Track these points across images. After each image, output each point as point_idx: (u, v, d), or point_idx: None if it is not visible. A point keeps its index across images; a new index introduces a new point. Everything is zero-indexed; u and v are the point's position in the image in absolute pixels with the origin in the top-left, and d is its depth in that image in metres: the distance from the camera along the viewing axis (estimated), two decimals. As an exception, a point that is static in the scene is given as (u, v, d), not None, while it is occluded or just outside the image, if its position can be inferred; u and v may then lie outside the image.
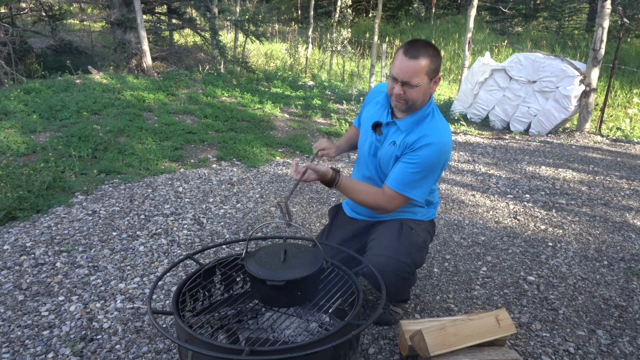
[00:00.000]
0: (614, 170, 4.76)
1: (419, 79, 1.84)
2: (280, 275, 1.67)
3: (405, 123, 1.98)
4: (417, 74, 1.83)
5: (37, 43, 11.93)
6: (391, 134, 2.03)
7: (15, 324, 2.19)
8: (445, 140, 1.92)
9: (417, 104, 1.92)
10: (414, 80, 1.83)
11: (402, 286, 2.10)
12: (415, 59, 1.81)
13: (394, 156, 1.99)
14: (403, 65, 1.83)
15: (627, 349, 2.16)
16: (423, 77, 1.84)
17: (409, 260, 2.03)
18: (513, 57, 6.53)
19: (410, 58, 1.81)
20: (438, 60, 1.87)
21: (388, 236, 2.08)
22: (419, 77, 1.84)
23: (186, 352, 1.65)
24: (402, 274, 2.01)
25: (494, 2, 14.72)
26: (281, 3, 22.01)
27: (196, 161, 4.55)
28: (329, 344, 1.54)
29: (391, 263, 1.99)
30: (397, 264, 1.99)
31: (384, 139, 2.06)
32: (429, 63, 1.83)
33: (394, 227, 2.11)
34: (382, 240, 2.07)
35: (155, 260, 2.78)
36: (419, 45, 1.85)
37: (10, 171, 3.78)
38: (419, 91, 1.87)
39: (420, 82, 1.84)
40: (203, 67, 9.36)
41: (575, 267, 2.87)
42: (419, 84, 1.84)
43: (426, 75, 1.84)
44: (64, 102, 5.88)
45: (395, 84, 1.88)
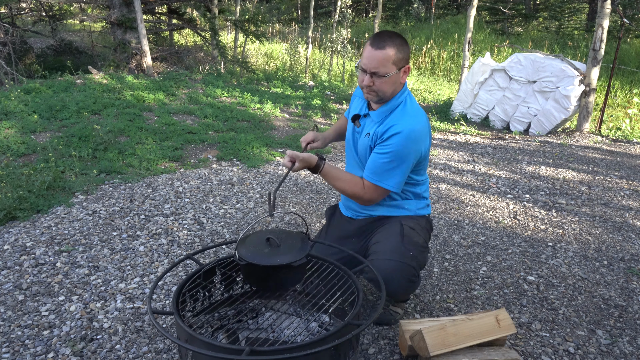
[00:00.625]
0: (613, 170, 4.76)
1: (387, 69, 1.85)
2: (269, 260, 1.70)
3: (378, 114, 2.01)
4: (384, 64, 1.84)
5: (37, 43, 11.94)
6: (367, 126, 2.06)
7: (15, 323, 2.19)
8: (414, 128, 1.91)
9: (387, 95, 1.93)
10: (381, 70, 1.85)
11: (409, 289, 2.11)
12: (381, 49, 1.83)
13: (369, 147, 2.03)
14: (370, 56, 1.85)
15: (627, 349, 2.16)
16: (391, 66, 1.86)
17: (415, 263, 2.04)
18: (513, 57, 6.53)
19: (376, 48, 1.83)
20: (405, 50, 1.88)
21: (392, 240, 2.07)
22: (386, 66, 1.85)
23: (186, 352, 1.65)
24: (410, 278, 2.03)
25: (494, 2, 14.72)
26: (281, 3, 22.01)
27: (196, 161, 4.55)
28: (329, 344, 1.54)
29: (399, 267, 1.99)
30: (405, 268, 2.00)
31: (361, 131, 2.10)
32: (396, 52, 1.85)
33: (395, 229, 2.10)
34: (387, 243, 2.06)
35: (155, 260, 2.78)
36: (385, 35, 1.86)
37: (11, 171, 3.79)
38: (387, 81, 1.88)
39: (389, 71, 1.86)
40: (203, 67, 9.37)
41: (575, 267, 2.87)
42: (387, 73, 1.86)
43: (394, 64, 1.86)
44: (64, 102, 5.88)
45: (364, 75, 1.90)
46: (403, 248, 2.02)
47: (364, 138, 2.06)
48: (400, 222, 2.12)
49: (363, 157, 2.09)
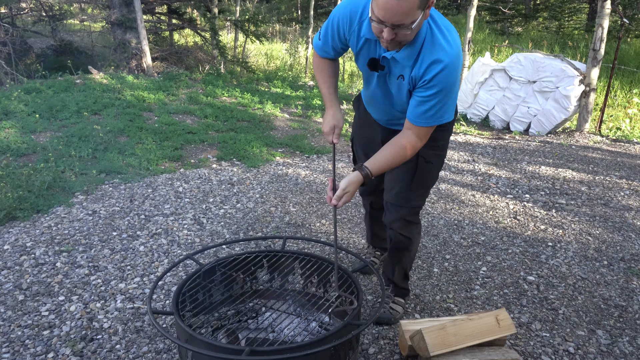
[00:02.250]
0: (613, 170, 4.76)
1: (412, 17, 1.48)
2: None
3: (406, 57, 1.68)
4: (409, 13, 1.46)
5: (37, 43, 11.93)
6: (396, 68, 1.75)
7: (15, 323, 2.19)
8: (452, 56, 1.62)
9: (411, 39, 1.60)
10: (406, 20, 1.48)
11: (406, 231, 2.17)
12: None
13: (407, 91, 1.77)
14: (390, 6, 1.45)
15: (627, 349, 2.16)
16: (416, 12, 1.47)
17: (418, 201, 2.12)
18: (513, 57, 6.53)
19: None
20: None
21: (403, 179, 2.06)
22: (411, 15, 1.47)
23: (186, 352, 1.65)
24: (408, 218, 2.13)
25: (494, 2, 14.71)
26: (281, 3, 22.00)
27: (196, 161, 4.55)
28: (329, 344, 1.54)
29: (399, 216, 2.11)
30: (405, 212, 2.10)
31: (388, 73, 1.79)
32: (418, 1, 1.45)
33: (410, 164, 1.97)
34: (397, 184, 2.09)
35: (155, 260, 2.78)
36: None
37: (11, 171, 3.79)
38: (414, 30, 1.53)
39: (414, 19, 1.49)
40: (203, 67, 9.36)
41: (575, 267, 2.87)
42: (413, 23, 1.50)
43: (418, 8, 1.47)
44: (64, 102, 5.88)
45: (382, 28, 1.53)
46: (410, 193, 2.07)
47: (398, 80, 1.77)
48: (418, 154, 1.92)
49: (399, 97, 1.85)
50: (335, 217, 1.90)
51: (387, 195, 2.15)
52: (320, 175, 4.34)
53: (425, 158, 2.00)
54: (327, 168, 4.55)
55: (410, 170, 2.02)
